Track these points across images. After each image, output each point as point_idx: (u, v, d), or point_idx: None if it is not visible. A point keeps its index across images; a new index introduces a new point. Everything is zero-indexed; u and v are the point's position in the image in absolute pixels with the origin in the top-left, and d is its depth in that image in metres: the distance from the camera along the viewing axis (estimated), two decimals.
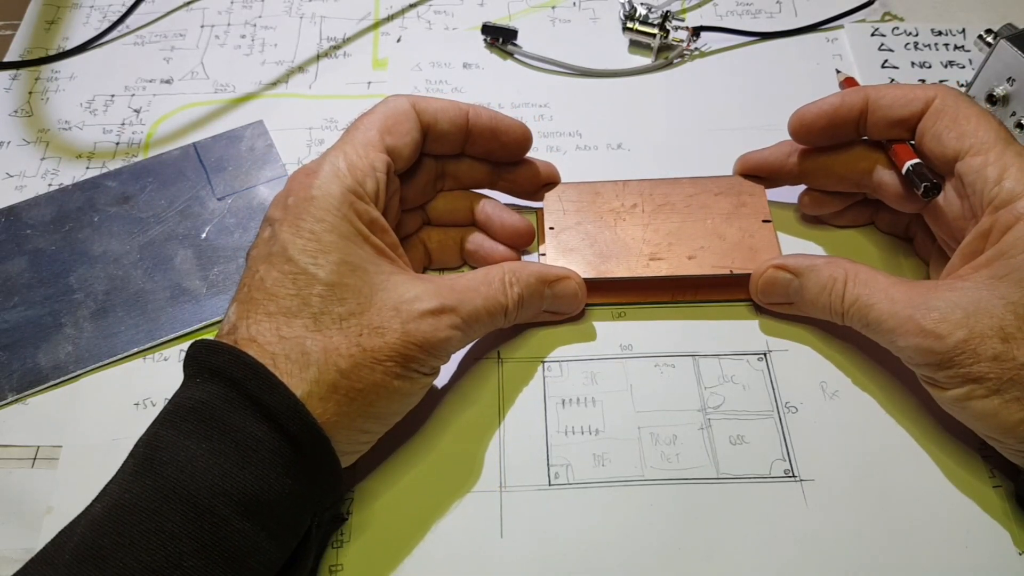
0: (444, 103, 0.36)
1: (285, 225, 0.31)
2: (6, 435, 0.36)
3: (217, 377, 0.28)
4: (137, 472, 0.27)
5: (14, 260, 0.41)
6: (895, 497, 0.33)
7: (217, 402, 0.28)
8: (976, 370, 0.29)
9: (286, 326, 0.29)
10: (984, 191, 0.32)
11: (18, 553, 0.33)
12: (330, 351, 0.29)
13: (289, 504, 0.28)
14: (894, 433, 0.35)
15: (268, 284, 0.30)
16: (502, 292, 0.34)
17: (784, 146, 0.39)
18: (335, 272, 0.30)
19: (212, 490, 0.26)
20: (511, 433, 0.36)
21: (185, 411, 0.28)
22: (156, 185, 0.44)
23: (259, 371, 0.28)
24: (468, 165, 0.39)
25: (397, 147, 0.34)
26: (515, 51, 0.50)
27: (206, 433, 0.27)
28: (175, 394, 0.29)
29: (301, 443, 0.28)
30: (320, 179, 0.31)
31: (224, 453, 0.27)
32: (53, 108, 0.48)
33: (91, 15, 0.53)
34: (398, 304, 0.31)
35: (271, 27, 0.52)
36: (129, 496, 0.26)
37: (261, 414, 0.28)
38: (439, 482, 0.34)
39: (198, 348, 0.30)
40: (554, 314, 0.38)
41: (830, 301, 0.34)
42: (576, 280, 0.37)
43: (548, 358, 0.38)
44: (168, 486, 0.26)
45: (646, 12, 0.49)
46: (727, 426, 0.35)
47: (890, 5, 0.52)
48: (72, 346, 0.38)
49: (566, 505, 0.34)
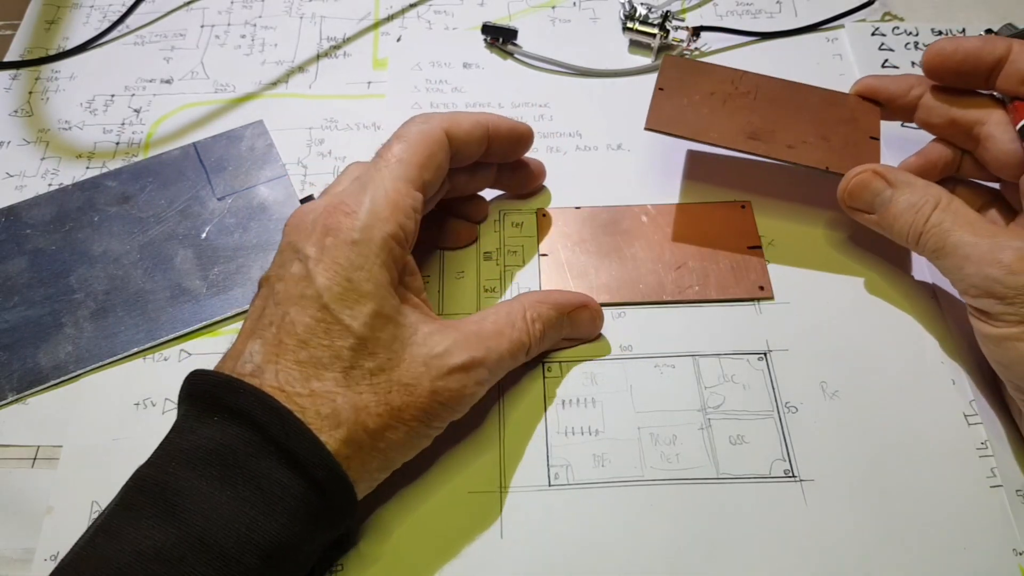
0: (470, 125, 0.35)
1: (322, 267, 0.29)
2: (6, 435, 0.36)
3: (239, 419, 0.27)
4: (157, 516, 0.26)
5: (14, 260, 0.41)
6: (895, 497, 0.33)
7: (240, 445, 0.27)
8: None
9: (316, 379, 0.28)
10: None
11: (18, 553, 0.33)
12: (360, 410, 0.28)
13: (307, 548, 0.28)
14: (894, 433, 0.35)
15: (299, 330, 0.29)
16: (525, 332, 0.34)
17: (908, 78, 0.39)
18: (368, 325, 0.29)
19: (239, 540, 0.25)
20: (511, 433, 0.36)
21: (206, 453, 0.27)
22: (156, 185, 0.44)
23: (284, 416, 0.27)
24: (478, 174, 0.39)
25: (431, 181, 0.33)
26: (515, 51, 0.50)
27: (230, 479, 0.26)
28: (184, 427, 0.28)
29: (326, 490, 0.27)
30: (362, 221, 0.30)
31: (249, 501, 0.26)
32: (53, 108, 0.48)
33: (91, 15, 0.53)
34: (427, 359, 0.30)
35: (271, 27, 0.52)
36: (151, 543, 0.25)
37: (286, 461, 0.27)
38: (439, 483, 0.34)
39: (213, 383, 0.28)
40: (571, 340, 0.38)
41: (914, 219, 0.34)
42: (593, 307, 0.37)
43: (548, 358, 0.38)
44: (194, 535, 0.25)
45: (646, 12, 0.49)
46: (727, 426, 0.35)
47: (890, 5, 0.52)
48: (72, 346, 0.38)
49: (566, 505, 0.34)
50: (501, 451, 0.35)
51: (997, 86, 0.36)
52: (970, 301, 0.33)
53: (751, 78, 0.40)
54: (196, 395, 0.29)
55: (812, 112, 0.39)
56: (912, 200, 0.35)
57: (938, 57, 0.37)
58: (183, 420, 0.29)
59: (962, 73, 0.37)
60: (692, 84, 0.40)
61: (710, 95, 0.39)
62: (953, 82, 0.38)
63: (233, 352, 0.30)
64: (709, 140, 0.37)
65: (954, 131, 0.38)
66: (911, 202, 0.35)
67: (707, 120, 0.38)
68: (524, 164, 0.41)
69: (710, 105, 0.39)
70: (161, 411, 0.37)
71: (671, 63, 0.41)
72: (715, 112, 0.39)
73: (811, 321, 0.38)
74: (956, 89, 0.38)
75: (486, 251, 0.42)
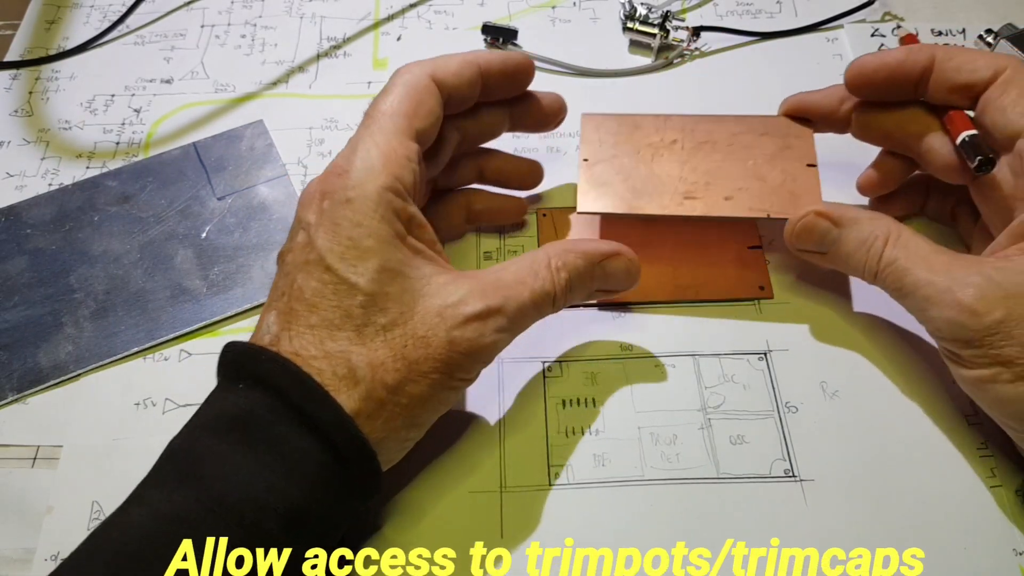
0: (459, 65, 0.34)
1: (321, 231, 0.29)
2: (6, 435, 0.36)
3: (261, 385, 0.27)
4: (179, 480, 0.26)
5: (14, 260, 0.41)
6: (895, 497, 0.33)
7: (261, 411, 0.27)
8: (1007, 353, 0.29)
9: (330, 339, 0.28)
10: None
11: (18, 553, 0.33)
12: (376, 366, 0.28)
13: (331, 517, 0.28)
14: (894, 433, 0.35)
15: (308, 295, 0.29)
16: (549, 281, 0.32)
17: (837, 90, 0.38)
18: (375, 280, 0.29)
19: (257, 503, 0.26)
20: (511, 433, 0.36)
21: (228, 419, 0.27)
22: (156, 185, 0.44)
23: (306, 382, 0.27)
24: (484, 116, 0.37)
25: (424, 129, 0.32)
26: (515, 51, 0.50)
27: (250, 443, 0.26)
28: (213, 397, 0.29)
29: (348, 457, 0.27)
30: (354, 178, 0.29)
31: (269, 465, 0.26)
32: (53, 108, 0.48)
33: (91, 15, 0.53)
34: (442, 309, 0.29)
35: (271, 27, 0.52)
36: (170, 506, 0.25)
37: (307, 426, 0.27)
38: (439, 483, 0.34)
39: (239, 352, 0.29)
40: (607, 292, 0.35)
41: (866, 258, 0.33)
42: (628, 255, 0.34)
43: (548, 358, 0.38)
44: (212, 498, 0.25)
45: (646, 12, 0.49)
46: (727, 426, 0.35)
47: (890, 5, 0.52)
48: (72, 346, 0.38)
49: (566, 505, 0.34)
50: (501, 451, 0.35)
51: (928, 97, 0.36)
52: (939, 343, 0.32)
53: (675, 123, 0.39)
54: (225, 365, 0.29)
55: (743, 150, 0.38)
56: (861, 237, 0.33)
57: (860, 76, 0.36)
58: (214, 391, 0.29)
59: (888, 88, 0.36)
60: (617, 144, 0.39)
61: (637, 153, 0.38)
62: (880, 97, 0.37)
63: (255, 329, 0.30)
64: (645, 212, 0.37)
65: (893, 144, 0.38)
66: (860, 239, 0.33)
67: (638, 186, 0.37)
68: (534, 97, 0.38)
69: (639, 165, 0.38)
70: (161, 411, 0.37)
71: (590, 124, 0.39)
72: (645, 173, 0.38)
73: (811, 321, 0.38)
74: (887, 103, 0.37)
75: (486, 251, 0.42)
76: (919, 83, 0.35)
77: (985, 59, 0.34)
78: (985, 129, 0.34)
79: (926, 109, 0.36)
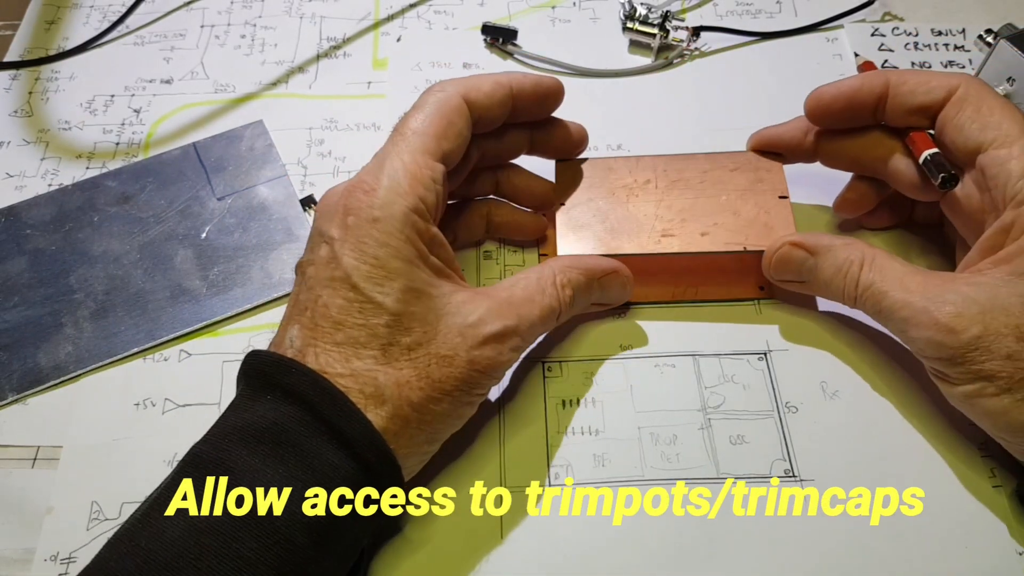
0: (490, 87, 0.34)
1: (347, 248, 0.29)
2: (6, 435, 0.36)
3: (291, 398, 0.28)
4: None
5: (14, 260, 0.41)
6: (895, 497, 0.33)
7: (292, 425, 0.27)
8: (988, 367, 0.29)
9: (356, 358, 0.28)
10: (1007, 185, 0.31)
11: (18, 553, 0.33)
12: (402, 385, 0.29)
13: (358, 530, 0.28)
14: (894, 433, 0.35)
15: (333, 312, 0.29)
16: (556, 298, 0.33)
17: (800, 122, 0.38)
18: (400, 300, 0.29)
19: (289, 517, 0.26)
20: (511, 433, 0.36)
21: (258, 431, 0.27)
22: (156, 185, 0.44)
23: (336, 397, 0.28)
24: (508, 137, 0.37)
25: (452, 151, 0.32)
26: (515, 51, 0.50)
27: (281, 457, 0.27)
28: (239, 405, 0.29)
29: (376, 472, 0.28)
30: (381, 198, 0.30)
31: (300, 479, 0.26)
32: (53, 108, 0.48)
33: (91, 15, 0.53)
34: (463, 329, 0.30)
35: (271, 27, 0.52)
36: (203, 518, 0.25)
37: (337, 441, 0.27)
38: (439, 482, 0.34)
39: (267, 363, 0.29)
40: (600, 305, 0.38)
41: (844, 284, 0.33)
42: (624, 273, 0.37)
43: (548, 358, 0.38)
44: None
45: (646, 12, 0.49)
46: (727, 426, 0.35)
47: (890, 5, 0.52)
48: (72, 346, 0.38)
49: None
50: (501, 451, 0.35)
51: (887, 121, 0.36)
52: (924, 362, 0.32)
53: (646, 163, 0.40)
54: (251, 374, 0.29)
55: (715, 186, 0.39)
56: (836, 264, 0.34)
57: (819, 106, 0.36)
58: (239, 398, 0.29)
59: (848, 116, 0.36)
60: (592, 188, 0.39)
61: (612, 195, 0.39)
62: (843, 125, 0.37)
63: (276, 340, 0.30)
64: (624, 252, 0.37)
65: (861, 168, 0.38)
66: (836, 266, 0.34)
67: (616, 227, 0.38)
68: (559, 123, 0.39)
69: (615, 207, 0.38)
70: (161, 411, 0.37)
71: (563, 170, 0.40)
72: (622, 214, 0.38)
73: (811, 321, 0.38)
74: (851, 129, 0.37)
75: (486, 250, 0.42)
76: (876, 109, 0.36)
77: (938, 79, 0.34)
78: (946, 148, 0.34)
79: (888, 132, 0.37)
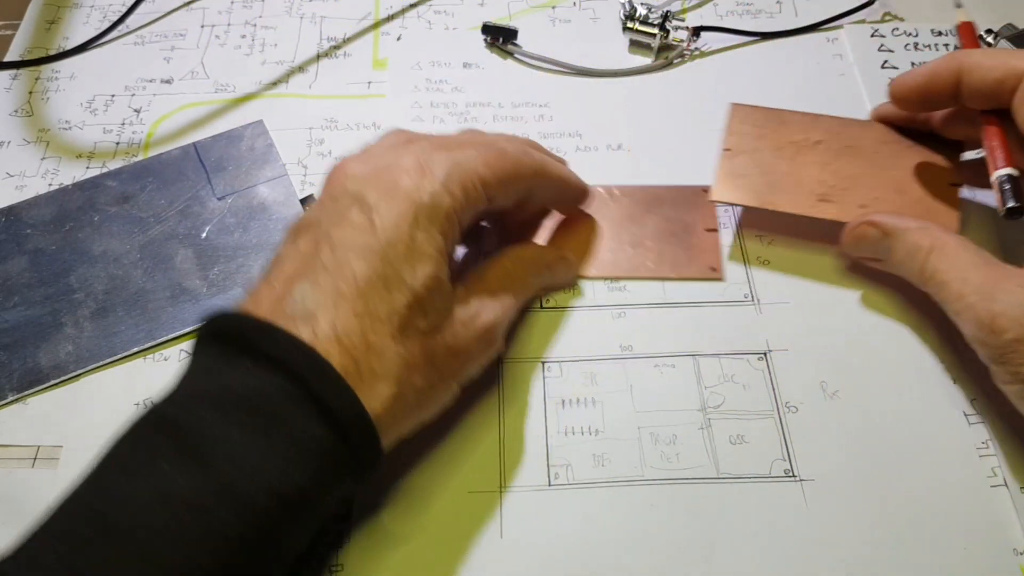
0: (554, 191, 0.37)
1: (390, 221, 0.29)
2: (6, 435, 0.36)
3: (275, 366, 0.26)
4: (180, 460, 0.25)
5: (14, 260, 0.41)
6: (895, 497, 0.33)
7: (276, 395, 0.26)
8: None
9: (372, 332, 0.28)
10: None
11: None
12: (412, 368, 0.29)
13: (331, 503, 0.28)
14: (894, 433, 0.35)
15: (360, 280, 0.28)
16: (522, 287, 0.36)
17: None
18: (426, 286, 0.29)
19: (269, 492, 0.25)
20: (511, 433, 0.36)
21: (235, 397, 0.26)
22: (156, 185, 0.44)
23: (327, 371, 0.27)
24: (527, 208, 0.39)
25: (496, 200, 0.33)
26: (515, 51, 0.50)
27: (262, 428, 0.25)
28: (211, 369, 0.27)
29: (359, 450, 0.27)
30: (435, 183, 0.30)
31: (281, 453, 0.25)
32: (53, 108, 0.48)
33: (91, 15, 0.53)
34: (465, 321, 0.31)
35: (271, 27, 0.52)
36: (176, 487, 0.24)
37: (324, 416, 0.26)
38: (439, 482, 0.34)
39: (245, 325, 0.27)
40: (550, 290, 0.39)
41: (913, 267, 0.34)
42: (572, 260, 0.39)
43: (548, 358, 0.38)
44: (222, 483, 0.24)
45: (646, 12, 0.49)
46: (727, 426, 0.35)
47: (890, 5, 0.52)
48: (72, 346, 0.38)
49: (566, 505, 0.34)
50: (501, 451, 0.35)
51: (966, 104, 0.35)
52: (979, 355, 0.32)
53: (823, 123, 0.39)
54: (224, 336, 0.28)
55: (888, 159, 0.37)
56: (907, 247, 0.34)
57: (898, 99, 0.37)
58: (206, 359, 0.28)
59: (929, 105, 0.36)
60: (761, 138, 0.39)
61: (779, 149, 0.38)
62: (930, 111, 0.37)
63: (270, 292, 0.29)
64: (777, 208, 0.37)
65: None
66: (906, 250, 0.34)
67: (775, 182, 0.37)
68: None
69: (779, 161, 0.38)
70: None
71: (740, 115, 0.39)
72: (784, 170, 0.37)
73: (811, 321, 0.38)
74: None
75: None
76: (954, 94, 0.35)
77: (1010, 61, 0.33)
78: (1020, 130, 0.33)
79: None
